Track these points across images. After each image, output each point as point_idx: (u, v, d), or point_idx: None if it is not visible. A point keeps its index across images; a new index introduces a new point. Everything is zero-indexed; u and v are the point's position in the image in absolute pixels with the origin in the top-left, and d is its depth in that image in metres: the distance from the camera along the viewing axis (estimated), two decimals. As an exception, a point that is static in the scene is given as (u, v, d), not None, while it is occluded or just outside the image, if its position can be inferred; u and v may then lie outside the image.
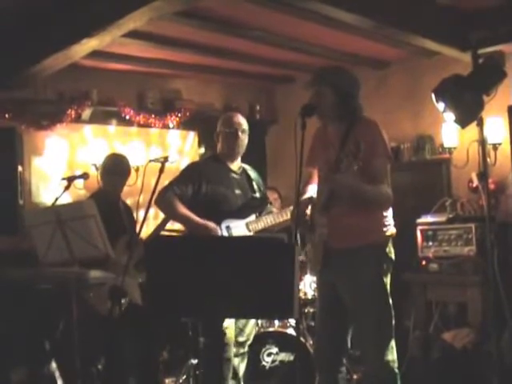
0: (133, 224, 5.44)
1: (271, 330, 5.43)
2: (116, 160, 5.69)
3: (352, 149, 3.67)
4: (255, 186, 5.03)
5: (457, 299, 6.29)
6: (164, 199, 4.76)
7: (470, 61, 5.99)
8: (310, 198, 4.13)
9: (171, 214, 4.99)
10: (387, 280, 4.00)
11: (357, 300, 3.96)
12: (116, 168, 5.58)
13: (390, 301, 4.00)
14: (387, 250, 4.01)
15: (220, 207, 4.80)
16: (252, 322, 5.01)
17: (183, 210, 4.74)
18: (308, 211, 4.06)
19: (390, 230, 4.04)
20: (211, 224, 4.70)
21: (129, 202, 5.86)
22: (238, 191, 4.90)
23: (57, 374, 5.24)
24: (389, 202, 3.99)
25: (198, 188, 4.79)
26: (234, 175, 4.96)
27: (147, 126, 7.49)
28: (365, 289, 3.93)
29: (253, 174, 5.11)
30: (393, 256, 4.04)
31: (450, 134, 6.70)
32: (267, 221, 4.93)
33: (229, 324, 4.70)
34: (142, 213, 4.60)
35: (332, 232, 3.97)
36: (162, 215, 5.67)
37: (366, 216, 3.95)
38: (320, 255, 4.03)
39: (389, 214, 4.05)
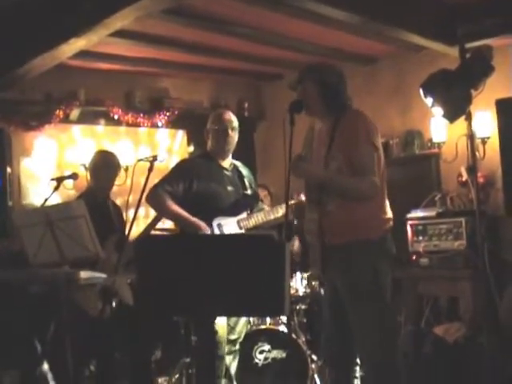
0: (122, 224, 5.43)
1: (263, 327, 5.43)
2: (106, 155, 5.64)
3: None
4: (247, 183, 5.02)
5: (448, 293, 6.31)
6: (155, 197, 4.75)
7: (457, 55, 5.98)
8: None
9: (162, 212, 4.98)
10: (384, 276, 3.93)
11: (350, 296, 3.92)
12: (106, 162, 5.52)
13: (387, 296, 3.93)
14: (383, 245, 3.95)
15: (211, 204, 4.79)
16: (243, 319, 5.00)
17: (174, 207, 4.73)
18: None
19: (385, 224, 3.98)
20: (202, 222, 4.69)
21: (118, 201, 5.84)
22: (229, 188, 4.89)
23: (49, 375, 5.23)
24: (371, 193, 3.87)
25: (189, 185, 4.78)
26: (225, 172, 4.95)
27: (136, 125, 7.48)
28: (357, 286, 3.88)
29: (244, 170, 5.10)
30: (390, 251, 3.99)
31: (439, 128, 6.71)
32: (258, 218, 4.92)
33: (220, 322, 4.69)
34: (131, 212, 4.59)
35: (325, 228, 3.94)
36: (152, 214, 5.66)
37: (357, 211, 3.88)
38: (319, 256, 4.01)
39: (382, 207, 3.98)
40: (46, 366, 5.23)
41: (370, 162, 3.87)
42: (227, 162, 4.98)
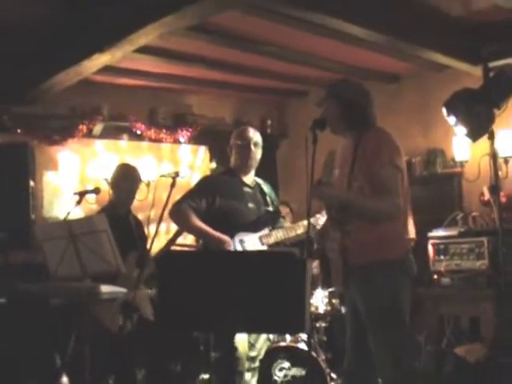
0: (144, 239, 5.44)
1: (283, 344, 5.41)
2: (127, 167, 5.68)
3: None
4: (268, 200, 5.02)
5: (469, 313, 6.26)
6: (179, 212, 4.75)
7: (480, 74, 5.99)
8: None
9: (186, 227, 4.97)
10: (403, 296, 3.89)
11: (370, 315, 3.88)
12: (127, 174, 5.55)
13: (406, 317, 3.89)
14: (404, 264, 3.91)
15: (233, 221, 4.78)
16: (263, 336, 4.99)
17: (198, 222, 4.72)
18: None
19: (407, 244, 3.95)
20: (225, 237, 4.69)
21: (140, 216, 5.85)
22: (251, 205, 4.89)
23: (68, 389, 5.24)
24: (393, 214, 3.84)
25: (212, 202, 4.78)
26: (248, 189, 4.95)
27: (158, 140, 7.52)
28: (377, 305, 3.84)
29: (266, 187, 5.10)
30: (411, 271, 3.94)
31: (462, 147, 6.69)
32: (280, 234, 4.92)
33: (241, 338, 4.68)
34: (153, 227, 4.60)
35: (348, 248, 3.91)
36: (173, 230, 5.67)
37: (378, 231, 3.85)
38: (340, 275, 3.98)
39: (405, 228, 3.94)
40: (64, 379, 5.24)
41: (393, 183, 3.83)
42: (249, 179, 4.98)
